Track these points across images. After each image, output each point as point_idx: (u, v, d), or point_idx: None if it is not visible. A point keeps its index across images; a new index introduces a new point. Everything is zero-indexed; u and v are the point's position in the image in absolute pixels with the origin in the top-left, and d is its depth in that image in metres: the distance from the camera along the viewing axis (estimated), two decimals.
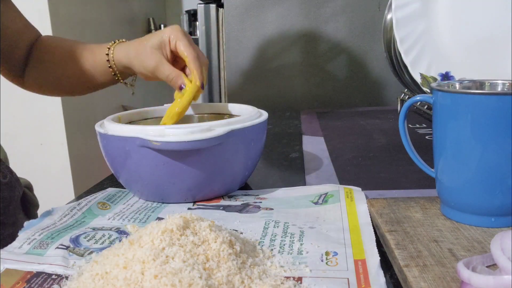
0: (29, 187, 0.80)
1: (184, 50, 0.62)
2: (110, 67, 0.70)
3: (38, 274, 0.39)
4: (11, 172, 0.69)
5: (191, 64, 0.61)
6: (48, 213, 0.52)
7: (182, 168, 0.53)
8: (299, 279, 0.37)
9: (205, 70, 0.64)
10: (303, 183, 0.61)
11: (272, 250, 0.42)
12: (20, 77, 0.79)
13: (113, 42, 0.72)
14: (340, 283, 0.36)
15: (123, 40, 0.72)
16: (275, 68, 1.33)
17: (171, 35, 0.63)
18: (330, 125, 0.99)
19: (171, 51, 0.64)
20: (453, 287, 0.33)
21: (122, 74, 0.72)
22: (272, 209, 0.52)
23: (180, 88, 0.61)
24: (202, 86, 0.61)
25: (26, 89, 0.81)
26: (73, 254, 0.42)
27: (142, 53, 0.65)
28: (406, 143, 0.49)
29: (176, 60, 0.66)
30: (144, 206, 0.55)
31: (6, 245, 0.44)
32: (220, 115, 0.69)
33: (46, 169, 1.92)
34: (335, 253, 0.41)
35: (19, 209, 0.71)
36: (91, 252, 0.43)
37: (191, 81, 0.62)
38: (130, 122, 0.64)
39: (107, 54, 0.70)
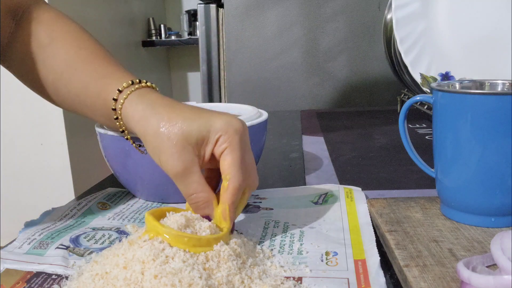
0: None
1: (230, 170, 0.40)
2: (116, 118, 0.46)
3: (38, 274, 0.39)
4: None
5: (228, 195, 0.40)
6: (48, 213, 0.52)
7: None
8: (299, 279, 0.37)
9: (248, 193, 0.43)
10: (303, 183, 0.61)
11: (272, 250, 0.42)
12: (2, 58, 0.54)
13: (129, 83, 0.45)
14: (340, 283, 0.36)
15: (147, 84, 0.46)
16: (275, 68, 1.33)
17: (225, 136, 0.40)
18: (330, 125, 0.99)
19: (212, 153, 0.42)
20: (453, 287, 0.33)
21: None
22: (272, 209, 0.52)
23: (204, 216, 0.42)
24: (231, 230, 0.42)
25: (6, 69, 0.55)
26: (73, 254, 0.42)
27: (167, 143, 0.41)
28: (406, 143, 0.49)
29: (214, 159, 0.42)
30: (144, 206, 0.55)
31: None
32: None
33: (46, 169, 1.92)
34: (335, 253, 0.41)
35: None
36: (91, 252, 0.43)
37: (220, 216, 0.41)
38: None
39: (114, 110, 0.45)
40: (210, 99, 1.48)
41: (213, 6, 1.43)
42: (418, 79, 0.81)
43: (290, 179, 0.65)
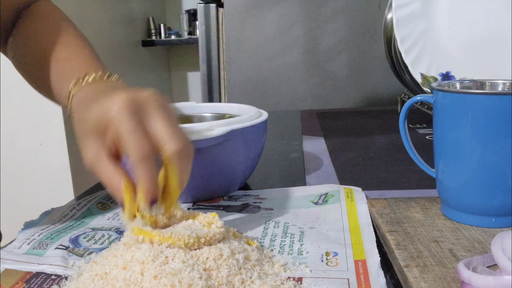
0: None
1: (125, 144, 0.37)
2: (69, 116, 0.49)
3: (38, 274, 0.39)
4: None
5: (135, 169, 0.37)
6: (47, 213, 0.52)
7: None
8: (299, 279, 0.37)
9: (181, 161, 0.39)
10: (303, 183, 0.61)
11: (272, 250, 0.42)
12: (4, 44, 0.60)
13: (80, 80, 0.47)
14: (340, 283, 0.36)
15: (111, 76, 0.48)
16: (275, 68, 1.33)
17: (109, 116, 0.38)
18: (330, 125, 0.99)
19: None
20: (453, 287, 0.33)
21: None
22: (272, 209, 0.52)
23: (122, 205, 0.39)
24: (152, 203, 0.38)
25: (8, 58, 0.61)
26: (73, 255, 0.42)
27: (78, 135, 0.41)
28: (406, 143, 0.49)
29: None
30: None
31: None
32: (220, 115, 0.69)
33: (45, 169, 1.92)
34: (335, 254, 0.41)
35: None
36: (91, 253, 0.43)
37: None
38: None
39: (68, 98, 0.48)
40: (210, 99, 1.48)
41: (213, 6, 1.43)
42: (418, 79, 0.81)
43: (290, 179, 0.65)
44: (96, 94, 0.43)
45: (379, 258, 0.39)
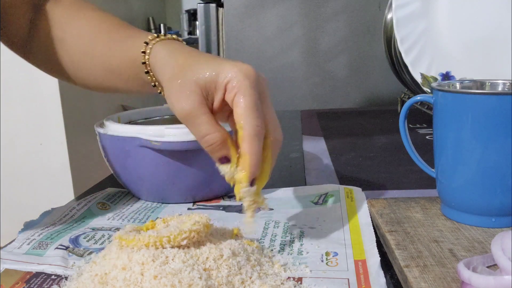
0: None
1: (243, 115, 0.38)
2: (147, 72, 0.46)
3: (38, 274, 0.39)
4: None
5: (245, 143, 0.38)
6: (47, 213, 0.52)
7: (182, 168, 0.53)
8: (299, 279, 0.37)
9: (273, 151, 0.41)
10: (303, 183, 0.61)
11: (272, 250, 0.42)
12: (23, 48, 0.56)
13: (154, 36, 0.47)
14: (340, 283, 0.36)
15: (174, 36, 0.48)
16: (275, 68, 1.33)
17: (234, 81, 0.38)
18: (330, 125, 0.99)
19: (223, 100, 0.40)
20: (453, 287, 0.33)
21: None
22: (272, 209, 0.52)
23: (221, 162, 0.40)
24: (251, 183, 0.39)
25: (30, 62, 0.58)
26: (73, 255, 0.42)
27: (177, 86, 0.40)
28: (406, 143, 0.49)
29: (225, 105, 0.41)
30: (143, 206, 0.55)
31: None
32: None
33: (45, 169, 1.92)
34: (335, 254, 0.41)
35: None
36: (91, 253, 0.43)
37: (238, 158, 0.39)
38: (130, 122, 0.64)
39: (144, 53, 0.46)
40: None
41: (213, 6, 1.42)
42: (418, 79, 0.81)
43: (290, 179, 0.65)
44: (197, 52, 0.44)
45: (379, 258, 0.39)
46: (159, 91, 0.47)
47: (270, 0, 1.30)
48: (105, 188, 0.61)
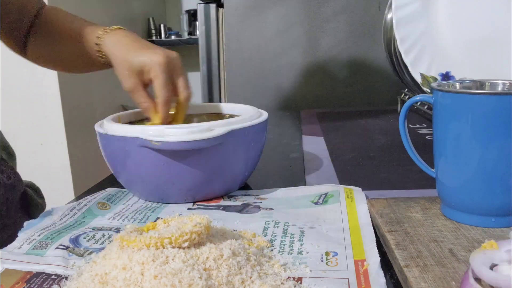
0: (34, 188, 0.79)
1: (156, 90, 0.59)
2: (101, 57, 0.67)
3: (38, 274, 0.39)
4: (15, 173, 0.68)
5: (159, 107, 0.59)
6: (47, 213, 0.52)
7: (182, 168, 0.53)
8: (299, 279, 0.37)
9: (184, 104, 0.62)
10: (303, 183, 0.61)
11: (272, 250, 0.42)
12: (23, 47, 0.77)
13: (105, 29, 0.66)
14: (340, 283, 0.36)
15: (120, 27, 0.67)
16: (275, 68, 1.33)
17: (151, 68, 0.59)
18: (330, 125, 0.99)
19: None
20: (453, 287, 0.33)
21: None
22: (272, 209, 0.52)
23: (148, 119, 0.62)
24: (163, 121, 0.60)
25: (28, 60, 0.79)
26: (73, 254, 0.42)
27: (122, 70, 0.61)
28: (406, 143, 0.49)
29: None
30: (143, 206, 0.55)
31: (6, 245, 0.44)
32: (220, 115, 0.69)
33: (46, 169, 1.92)
34: (335, 253, 0.41)
35: (18, 210, 0.70)
36: (91, 253, 0.43)
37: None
38: (130, 122, 0.64)
39: (97, 44, 0.66)
40: (210, 99, 1.48)
41: (213, 6, 1.43)
42: (418, 79, 0.81)
43: (290, 179, 0.65)
44: (133, 42, 0.63)
45: (379, 258, 0.39)
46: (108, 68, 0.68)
47: (270, 1, 1.30)
48: (105, 188, 0.61)
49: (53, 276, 0.39)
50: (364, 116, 1.09)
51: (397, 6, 0.83)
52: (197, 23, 1.93)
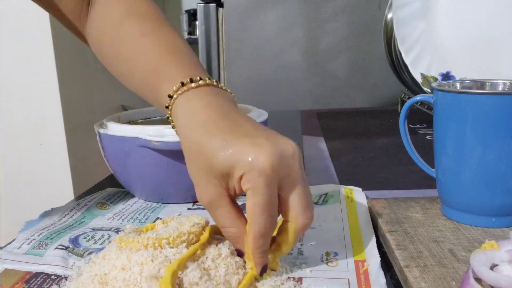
0: None
1: (250, 214, 0.36)
2: (168, 117, 0.43)
3: (37, 274, 0.39)
4: None
5: (250, 242, 0.36)
6: (47, 213, 0.52)
7: (182, 168, 0.52)
8: (299, 279, 0.37)
9: (296, 234, 0.37)
10: None
11: None
12: (81, 31, 0.53)
13: (180, 88, 0.41)
14: (341, 283, 0.36)
15: (208, 81, 0.42)
16: (275, 68, 1.33)
17: (247, 177, 0.35)
18: (330, 125, 0.99)
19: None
20: (453, 287, 0.33)
21: None
22: None
23: (237, 253, 0.38)
24: (261, 273, 0.37)
25: (91, 47, 0.54)
26: (72, 255, 0.42)
27: (195, 171, 0.38)
28: (406, 143, 0.49)
29: None
30: (143, 206, 0.55)
31: None
32: None
33: (45, 169, 1.92)
34: (335, 254, 0.41)
35: None
36: (91, 253, 0.43)
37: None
38: (130, 122, 0.64)
39: (167, 107, 0.42)
40: None
41: (212, 6, 1.42)
42: (418, 79, 0.81)
43: None
44: (220, 119, 0.38)
45: (379, 258, 0.39)
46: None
47: (270, 0, 1.30)
48: (105, 188, 0.61)
49: (52, 276, 0.39)
50: (364, 116, 1.09)
51: (397, 6, 0.83)
52: (197, 23, 1.93)
